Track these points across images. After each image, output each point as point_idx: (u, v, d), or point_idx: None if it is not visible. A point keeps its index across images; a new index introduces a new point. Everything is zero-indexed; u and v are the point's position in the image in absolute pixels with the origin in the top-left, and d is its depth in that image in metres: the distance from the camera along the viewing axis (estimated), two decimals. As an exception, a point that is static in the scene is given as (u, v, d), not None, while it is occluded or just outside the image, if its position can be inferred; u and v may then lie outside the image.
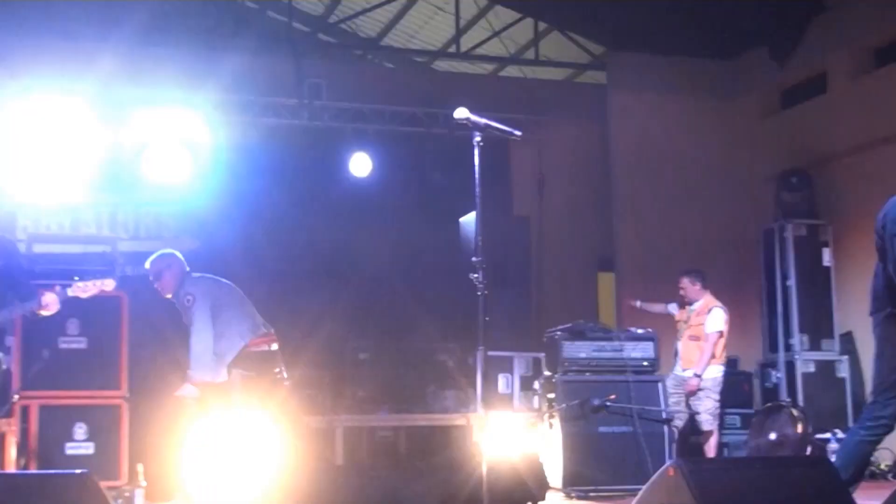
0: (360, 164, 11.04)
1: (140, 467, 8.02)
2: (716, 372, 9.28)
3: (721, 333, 9.29)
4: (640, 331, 9.10)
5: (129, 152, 10.72)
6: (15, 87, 10.18)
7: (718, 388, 9.29)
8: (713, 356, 9.24)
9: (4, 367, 6.67)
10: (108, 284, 6.76)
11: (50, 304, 6.56)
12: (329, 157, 11.19)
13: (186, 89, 10.53)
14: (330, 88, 10.70)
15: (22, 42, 10.47)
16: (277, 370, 7.79)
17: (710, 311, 9.36)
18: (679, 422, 9.10)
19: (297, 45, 10.91)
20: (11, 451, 8.13)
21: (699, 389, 9.18)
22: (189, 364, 7.50)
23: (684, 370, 9.31)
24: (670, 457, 8.46)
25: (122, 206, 11.03)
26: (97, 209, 10.96)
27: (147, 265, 7.90)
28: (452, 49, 12.01)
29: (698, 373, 9.17)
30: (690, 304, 9.47)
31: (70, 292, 6.65)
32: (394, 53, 13.19)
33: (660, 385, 8.84)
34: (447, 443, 9.77)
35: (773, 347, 10.69)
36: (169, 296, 7.80)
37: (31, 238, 8.95)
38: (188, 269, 7.91)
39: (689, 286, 9.45)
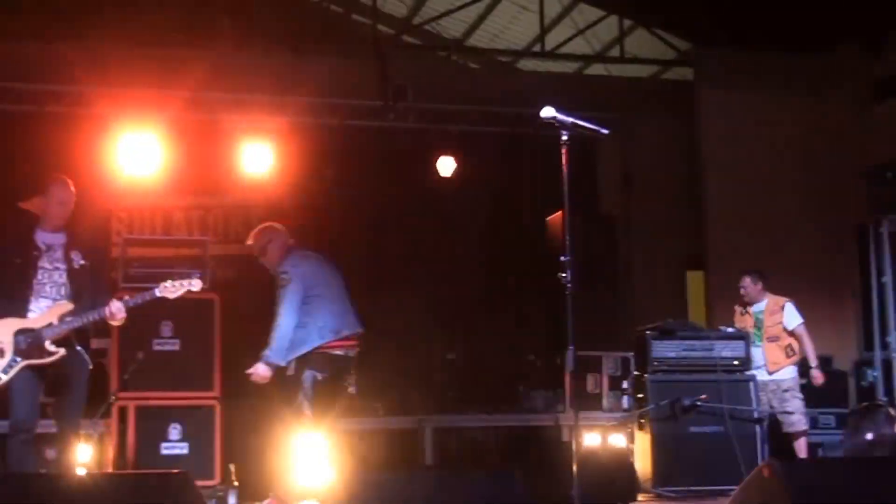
0: (446, 166, 11.07)
1: (232, 467, 8.15)
2: (794, 371, 9.16)
3: (804, 323, 9.18)
4: (730, 329, 8.99)
5: (217, 156, 10.90)
6: (107, 95, 10.39)
7: (799, 386, 9.16)
8: (794, 353, 9.11)
9: (90, 366, 6.75)
10: (196, 285, 6.78)
11: (115, 313, 6.61)
12: (415, 159, 11.24)
13: (274, 94, 10.66)
14: (415, 90, 10.74)
15: (115, 49, 10.68)
16: (348, 378, 7.61)
17: (782, 307, 9.23)
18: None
19: (382, 47, 10.97)
20: (110, 452, 8.34)
21: (784, 391, 9.05)
22: (268, 344, 7.35)
23: (772, 373, 9.15)
24: (762, 457, 8.34)
25: (212, 209, 11.21)
26: (188, 212, 11.17)
27: (250, 241, 7.86)
28: (537, 48, 11.97)
29: (813, 364, 9.08)
30: (750, 304, 9.31)
31: (158, 293, 6.69)
32: (478, 54, 13.18)
33: (751, 384, 8.72)
34: (536, 443, 9.76)
35: (869, 345, 10.47)
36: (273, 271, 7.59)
37: (126, 242, 9.11)
38: (291, 241, 7.84)
39: (750, 286, 9.30)
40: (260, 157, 10.57)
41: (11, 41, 9.95)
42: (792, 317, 9.17)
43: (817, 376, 9.07)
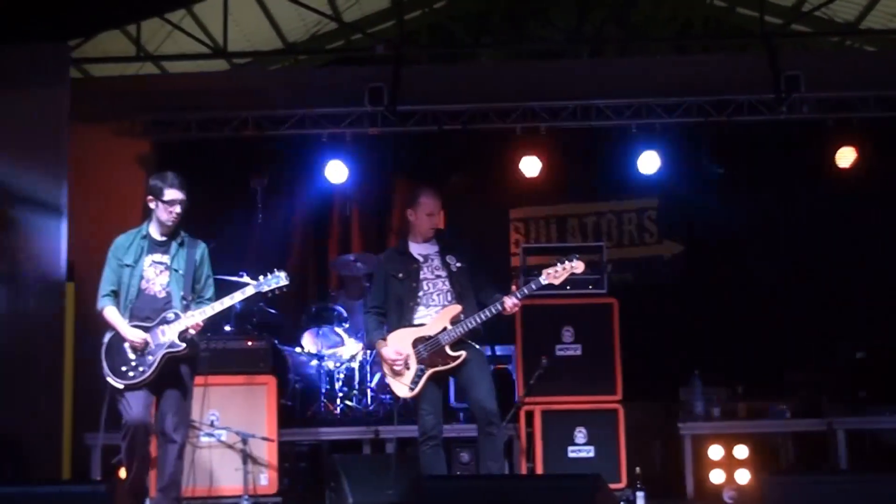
0: (846, 156, 10.55)
1: (638, 470, 8.18)
2: None
3: None
4: None
5: (607, 161, 10.99)
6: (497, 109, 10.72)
7: None
8: None
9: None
10: (578, 266, 6.85)
11: (510, 307, 6.79)
12: (811, 152, 10.80)
13: (660, 95, 10.58)
14: (808, 79, 10.32)
15: (504, 64, 11.01)
16: None
17: None
18: None
19: (771, 38, 10.62)
20: (519, 455, 8.61)
21: None
22: None
23: None
24: None
25: (604, 214, 11.32)
26: (582, 219, 11.33)
27: None
28: (943, 22, 11.17)
29: None
30: None
31: (544, 280, 6.82)
32: (875, 36, 12.46)
33: None
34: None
35: None
36: None
37: (524, 250, 9.39)
38: None
39: None
40: (649, 159, 10.54)
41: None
42: None
43: None
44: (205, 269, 6.95)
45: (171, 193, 6.76)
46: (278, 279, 6.88)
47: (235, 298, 6.83)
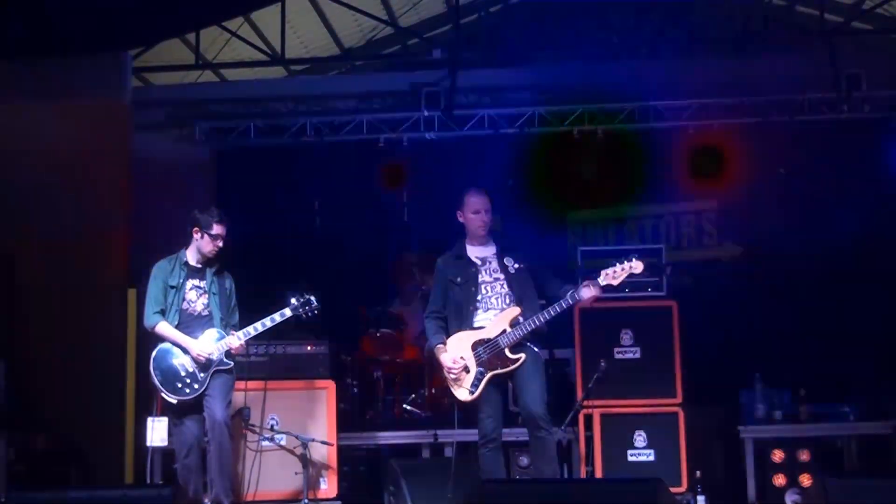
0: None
1: (698, 473, 8.12)
2: None
3: None
4: None
5: (666, 163, 10.92)
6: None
7: None
8: None
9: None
10: (637, 266, 6.74)
11: (587, 299, 6.69)
12: (873, 150, 10.64)
13: (720, 96, 10.51)
14: (869, 78, 10.18)
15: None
16: None
17: None
18: None
19: (831, 37, 10.49)
20: (578, 458, 8.58)
21: None
22: None
23: None
24: None
25: (662, 216, 11.25)
26: (640, 221, 11.28)
27: None
28: None
29: None
30: None
31: (602, 281, 6.73)
32: (939, 33, 12.27)
33: None
34: None
35: None
36: None
37: (582, 253, 9.33)
38: None
39: None
40: (708, 161, 10.47)
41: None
42: None
43: None
44: (233, 299, 7.47)
45: (218, 228, 7.28)
46: (311, 303, 7.41)
47: (275, 320, 7.37)
